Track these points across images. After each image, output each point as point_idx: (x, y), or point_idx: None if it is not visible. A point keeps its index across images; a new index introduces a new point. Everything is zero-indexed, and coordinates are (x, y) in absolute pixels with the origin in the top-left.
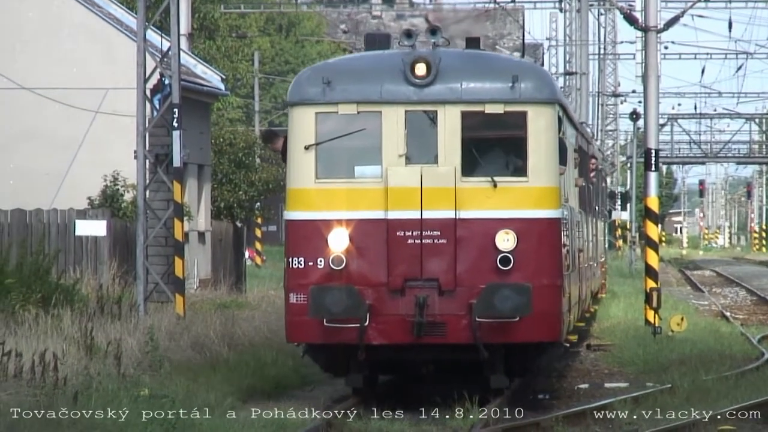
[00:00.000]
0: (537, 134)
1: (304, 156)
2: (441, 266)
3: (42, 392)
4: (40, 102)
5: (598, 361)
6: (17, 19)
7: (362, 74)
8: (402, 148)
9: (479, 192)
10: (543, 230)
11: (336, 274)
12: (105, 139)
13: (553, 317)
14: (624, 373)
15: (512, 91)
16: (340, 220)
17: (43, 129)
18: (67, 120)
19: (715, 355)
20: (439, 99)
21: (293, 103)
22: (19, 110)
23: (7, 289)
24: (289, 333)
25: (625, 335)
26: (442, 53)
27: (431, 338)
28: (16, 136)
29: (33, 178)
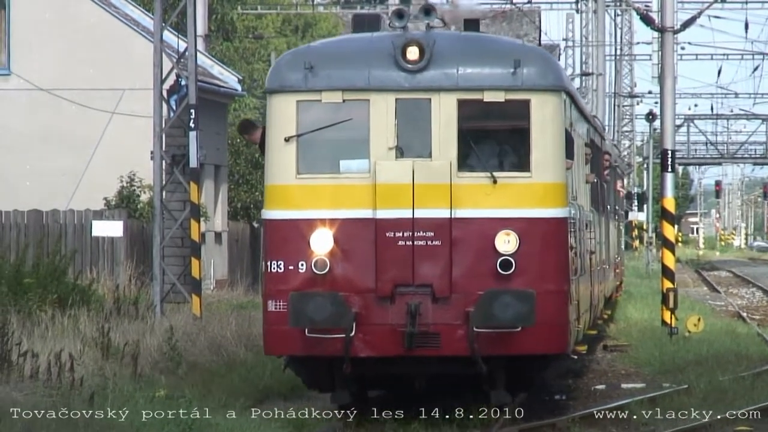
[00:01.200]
0: (541, 125)
1: (284, 149)
2: (435, 271)
3: (58, 392)
4: (57, 103)
5: (614, 361)
6: (33, 19)
7: (348, 59)
8: (392, 140)
9: (477, 189)
10: (548, 231)
11: (319, 279)
12: (121, 140)
13: (559, 327)
14: (640, 374)
15: (514, 77)
16: (324, 219)
17: (59, 130)
18: (83, 121)
19: (731, 356)
20: (433, 86)
21: (272, 90)
22: (36, 111)
23: (24, 289)
24: (268, 344)
25: (641, 336)
26: (437, 35)
27: (424, 350)
28: (32, 136)
29: (49, 179)
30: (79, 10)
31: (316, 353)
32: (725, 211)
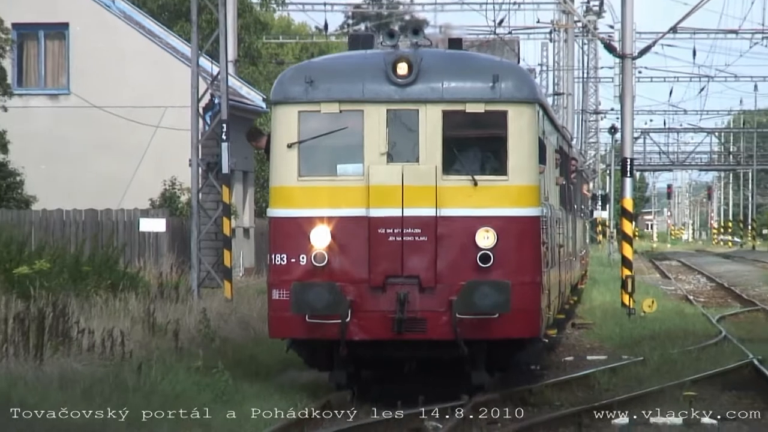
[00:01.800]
0: (517, 133)
1: (287, 154)
2: (422, 263)
3: (111, 363)
4: (110, 119)
5: (581, 337)
6: (89, 48)
7: (344, 73)
8: (383, 146)
9: (460, 190)
10: (523, 228)
11: (318, 270)
12: (164, 150)
13: (532, 314)
14: (603, 348)
15: (492, 90)
16: (323, 217)
17: (112, 141)
18: (132, 134)
19: (680, 332)
20: (421, 98)
21: (276, 101)
22: (93, 126)
23: (82, 276)
24: (272, 328)
25: (604, 315)
26: (424, 53)
27: (412, 334)
28: (88, 146)
29: (103, 183)
30: (127, 40)
31: (316, 336)
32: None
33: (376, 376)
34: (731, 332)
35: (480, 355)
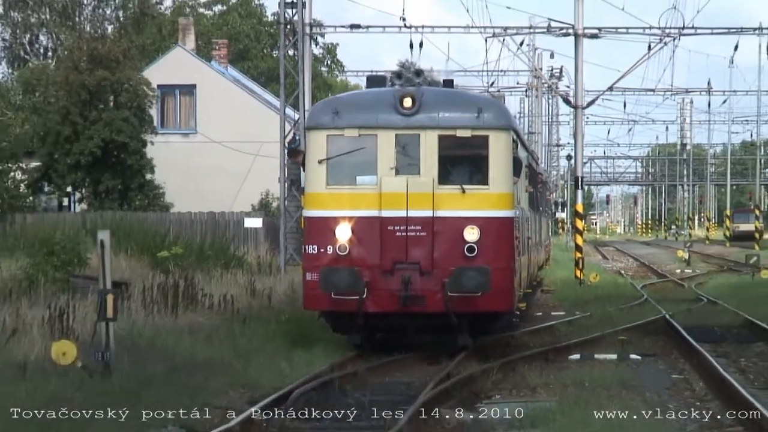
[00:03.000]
0: (496, 153)
1: (318, 168)
2: (422, 253)
3: (224, 317)
4: (224, 150)
5: (547, 300)
6: (209, 100)
7: (362, 106)
8: (392, 162)
9: (451, 196)
10: (500, 226)
11: (341, 258)
12: (261, 171)
13: (507, 292)
14: (563, 306)
15: (477, 119)
16: (345, 216)
17: (225, 165)
18: (239, 160)
19: (615, 296)
20: (421, 125)
21: (310, 127)
22: (212, 155)
23: (205, 257)
24: (306, 302)
25: (563, 285)
26: (424, 90)
27: (414, 308)
28: (210, 169)
29: (220, 193)
30: (236, 95)
31: (339, 309)
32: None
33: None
34: (650, 296)
35: (465, 324)
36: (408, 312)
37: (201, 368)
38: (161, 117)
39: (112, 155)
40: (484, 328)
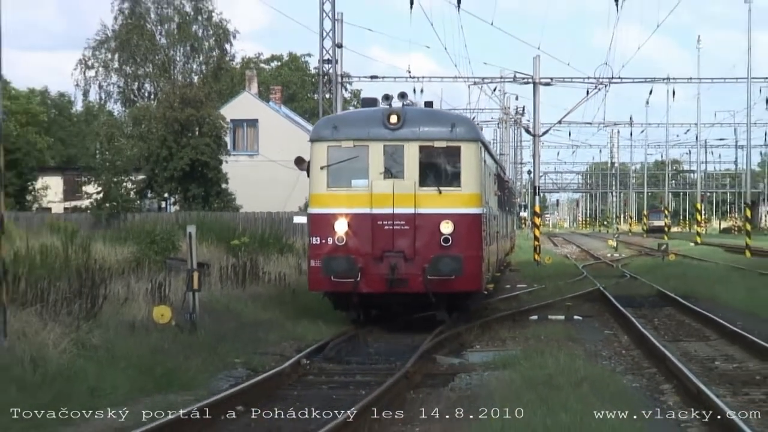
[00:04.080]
0: (467, 160)
1: (320, 173)
2: (406, 243)
3: (278, 289)
4: (278, 166)
5: (514, 276)
6: (269, 130)
7: (357, 122)
8: (381, 168)
9: (430, 196)
10: (470, 221)
11: (339, 247)
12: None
13: (476, 276)
14: (525, 281)
15: (451, 133)
16: (342, 213)
17: (280, 178)
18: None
19: (563, 273)
20: (405, 137)
21: (313, 140)
22: (271, 170)
23: (265, 245)
24: (311, 285)
25: (525, 265)
26: (407, 109)
27: (399, 288)
28: (268, 181)
29: (276, 198)
30: (287, 127)
31: (338, 290)
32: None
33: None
34: (589, 273)
35: (442, 302)
36: (394, 292)
37: (261, 326)
38: (233, 142)
39: (197, 170)
40: (457, 306)
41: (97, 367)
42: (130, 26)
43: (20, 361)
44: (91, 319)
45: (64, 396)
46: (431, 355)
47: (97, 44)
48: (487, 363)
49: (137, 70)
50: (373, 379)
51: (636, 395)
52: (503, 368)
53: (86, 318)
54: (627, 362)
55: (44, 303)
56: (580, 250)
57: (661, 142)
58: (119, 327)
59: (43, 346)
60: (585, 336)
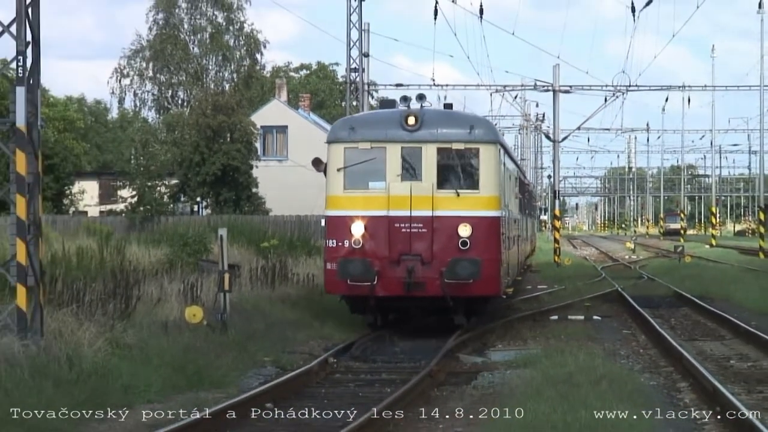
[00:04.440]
0: (486, 162)
1: (337, 175)
2: (423, 246)
3: (307, 290)
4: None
5: (535, 277)
6: (297, 136)
7: (374, 123)
8: (399, 170)
9: (448, 199)
10: (489, 224)
11: (356, 250)
12: None
13: (495, 279)
14: (545, 282)
15: (470, 134)
16: (359, 216)
17: (308, 182)
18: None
19: (582, 274)
20: (423, 139)
21: (330, 141)
22: (298, 174)
23: (294, 247)
24: (327, 288)
25: (545, 266)
26: (425, 110)
27: (417, 292)
28: (297, 185)
29: (304, 202)
30: (315, 133)
31: (354, 293)
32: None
33: None
34: (607, 274)
35: (460, 306)
36: (411, 296)
37: (290, 326)
38: (263, 148)
39: (229, 175)
40: (476, 310)
41: (131, 366)
42: (164, 36)
43: (57, 359)
44: (125, 318)
45: (99, 393)
46: (455, 354)
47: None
48: (509, 362)
49: (171, 79)
50: (398, 377)
51: (653, 393)
52: (525, 367)
53: (120, 318)
54: (644, 361)
55: (80, 303)
56: (598, 252)
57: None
58: (152, 326)
59: (78, 345)
60: (604, 335)
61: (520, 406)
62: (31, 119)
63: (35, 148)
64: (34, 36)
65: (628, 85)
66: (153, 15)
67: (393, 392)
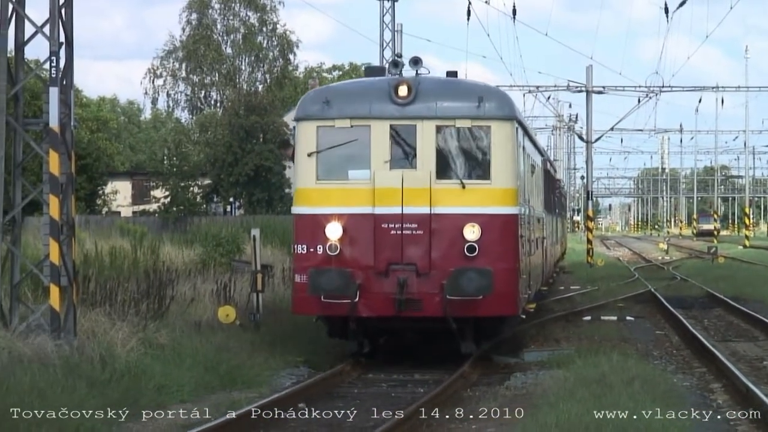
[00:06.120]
0: (499, 144)
1: (308, 162)
2: (418, 253)
3: None
4: None
5: (567, 278)
6: None
7: (355, 95)
8: (387, 155)
9: (450, 192)
10: (503, 223)
11: (332, 258)
12: None
13: (510, 295)
14: (578, 283)
15: (478, 109)
16: (336, 214)
17: None
18: None
19: (615, 275)
20: (418, 115)
21: (299, 118)
22: None
23: None
24: (295, 306)
25: (578, 267)
26: (422, 79)
27: (411, 312)
28: None
29: None
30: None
31: (330, 314)
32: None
33: None
34: (640, 275)
35: (468, 329)
36: (404, 316)
37: (322, 326)
38: None
39: (261, 175)
40: (488, 334)
41: (164, 366)
42: (197, 37)
43: (90, 359)
44: (158, 318)
45: (131, 393)
46: (488, 355)
47: (165, 54)
48: (542, 362)
49: (204, 79)
50: (431, 378)
51: (686, 393)
52: (558, 367)
53: (153, 318)
54: (677, 361)
55: (113, 303)
56: (631, 253)
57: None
58: (185, 327)
59: (111, 345)
60: (637, 336)
61: (552, 406)
62: (64, 119)
63: (68, 149)
64: (67, 36)
65: (662, 85)
66: (186, 16)
67: (426, 393)
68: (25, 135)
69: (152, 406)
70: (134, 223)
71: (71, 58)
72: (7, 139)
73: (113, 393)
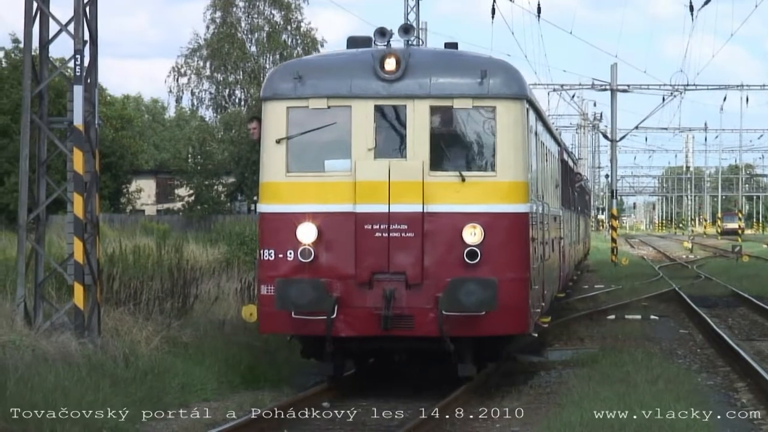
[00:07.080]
0: (506, 129)
1: (276, 150)
2: (408, 260)
3: None
4: None
5: (591, 277)
6: None
7: (333, 70)
8: (371, 141)
9: (447, 186)
10: (510, 224)
11: (305, 266)
12: None
13: (519, 311)
14: (602, 282)
15: (480, 86)
16: (310, 213)
17: None
18: None
19: (639, 274)
20: (408, 94)
21: (265, 98)
22: None
23: None
24: (261, 324)
25: (602, 266)
26: (413, 50)
27: (399, 330)
28: None
29: None
30: None
31: (302, 333)
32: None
33: None
34: (665, 274)
35: (467, 350)
36: (391, 335)
37: None
38: None
39: None
40: (491, 355)
41: (187, 364)
42: (221, 35)
43: (113, 358)
44: (182, 317)
45: (155, 392)
46: (512, 354)
47: (189, 52)
48: (566, 361)
49: (228, 77)
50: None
51: (710, 393)
52: (582, 366)
53: (177, 316)
54: (701, 360)
55: (137, 302)
56: (656, 252)
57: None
58: (209, 325)
59: (135, 343)
60: (661, 335)
61: (576, 405)
62: (89, 118)
63: (93, 147)
64: (92, 35)
65: (686, 84)
66: (210, 14)
67: (450, 391)
68: (50, 133)
69: (175, 404)
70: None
71: (95, 57)
72: (32, 137)
73: (137, 391)
